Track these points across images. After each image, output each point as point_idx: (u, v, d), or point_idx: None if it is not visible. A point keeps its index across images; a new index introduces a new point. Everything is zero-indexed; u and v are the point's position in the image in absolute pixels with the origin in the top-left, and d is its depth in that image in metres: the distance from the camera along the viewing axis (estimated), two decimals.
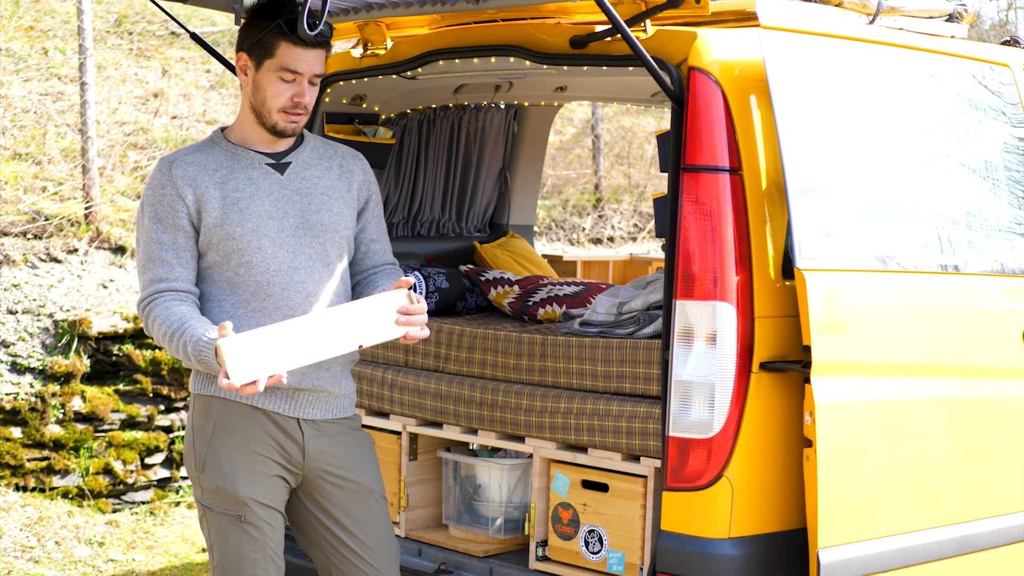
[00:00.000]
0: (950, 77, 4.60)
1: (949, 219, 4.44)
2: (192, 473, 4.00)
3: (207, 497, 3.95)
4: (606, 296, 4.74)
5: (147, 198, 3.89)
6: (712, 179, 3.90)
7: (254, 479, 3.92)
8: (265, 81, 3.88)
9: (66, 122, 9.75)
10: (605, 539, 4.49)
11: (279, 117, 3.90)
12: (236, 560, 3.92)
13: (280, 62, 3.84)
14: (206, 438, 3.94)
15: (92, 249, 8.52)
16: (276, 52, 3.85)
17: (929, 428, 4.21)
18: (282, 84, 3.86)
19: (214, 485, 3.92)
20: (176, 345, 3.76)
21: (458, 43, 4.67)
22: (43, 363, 7.58)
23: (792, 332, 3.94)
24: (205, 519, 3.98)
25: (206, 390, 3.96)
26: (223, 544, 3.94)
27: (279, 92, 3.87)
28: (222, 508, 3.92)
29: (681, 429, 3.94)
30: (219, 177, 3.90)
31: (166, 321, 3.78)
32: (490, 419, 4.74)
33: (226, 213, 3.87)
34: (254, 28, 3.88)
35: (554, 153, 12.40)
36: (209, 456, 3.93)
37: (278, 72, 3.85)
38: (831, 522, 3.87)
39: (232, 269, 3.89)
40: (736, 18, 4.23)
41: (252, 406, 3.93)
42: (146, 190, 3.90)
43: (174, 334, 3.75)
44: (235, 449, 3.92)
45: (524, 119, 6.38)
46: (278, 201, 3.94)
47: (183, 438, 7.92)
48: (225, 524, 3.92)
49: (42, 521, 7.12)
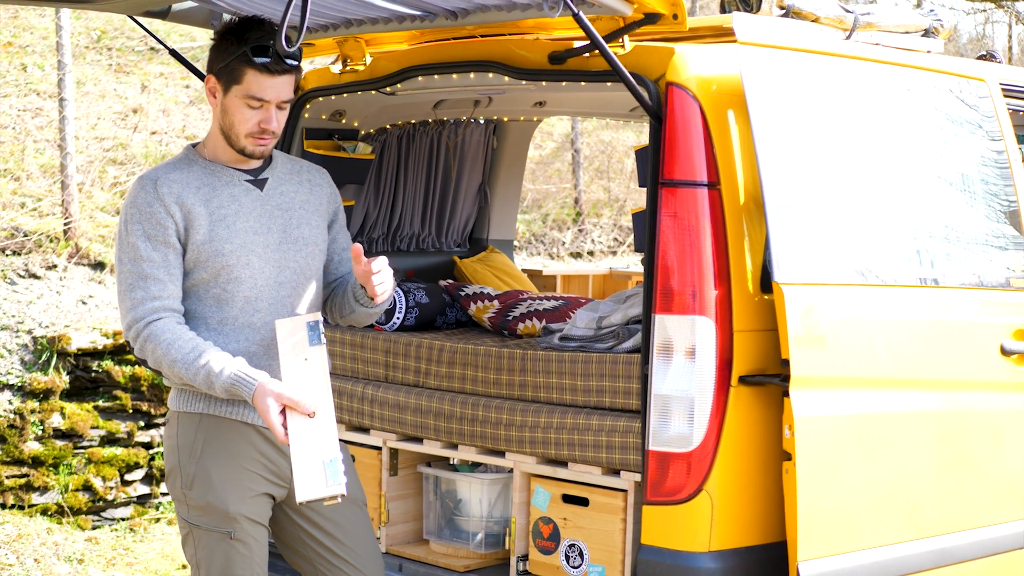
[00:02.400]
0: (927, 92, 4.63)
1: (927, 233, 4.46)
2: (177, 492, 3.97)
3: (194, 515, 3.93)
4: (586, 311, 4.75)
5: (132, 216, 3.86)
6: (690, 193, 3.92)
7: (243, 495, 3.92)
8: (232, 106, 3.85)
9: (45, 138, 9.74)
10: (586, 553, 4.49)
11: (247, 141, 3.89)
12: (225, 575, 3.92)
13: (247, 90, 3.82)
14: (194, 455, 3.92)
15: (71, 265, 8.51)
16: (243, 80, 3.81)
17: (908, 441, 4.23)
18: (249, 111, 3.84)
19: (203, 502, 3.90)
20: (192, 371, 3.75)
21: (437, 59, 4.68)
22: (22, 379, 7.56)
23: (771, 346, 3.95)
24: (191, 537, 3.96)
25: (193, 407, 3.95)
26: (210, 561, 3.93)
27: (246, 118, 3.85)
28: (211, 525, 3.91)
29: (661, 443, 3.94)
30: (203, 194, 3.90)
31: (176, 345, 3.76)
32: (470, 434, 4.74)
33: (214, 230, 3.87)
34: (222, 52, 3.86)
35: (534, 167, 12.42)
36: (198, 473, 3.91)
37: (245, 99, 3.83)
38: (811, 535, 3.88)
39: (220, 286, 3.89)
40: (713, 34, 4.25)
41: (241, 422, 3.93)
42: (130, 208, 3.87)
43: (191, 362, 3.74)
44: (225, 465, 3.92)
45: (503, 134, 6.40)
46: (261, 217, 3.95)
47: (163, 456, 7.90)
48: (214, 541, 3.91)
49: (21, 538, 7.10)
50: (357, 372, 5.20)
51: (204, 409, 3.93)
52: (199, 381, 3.76)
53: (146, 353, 3.82)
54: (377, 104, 5.45)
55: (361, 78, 4.92)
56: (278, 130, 3.91)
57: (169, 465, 4.01)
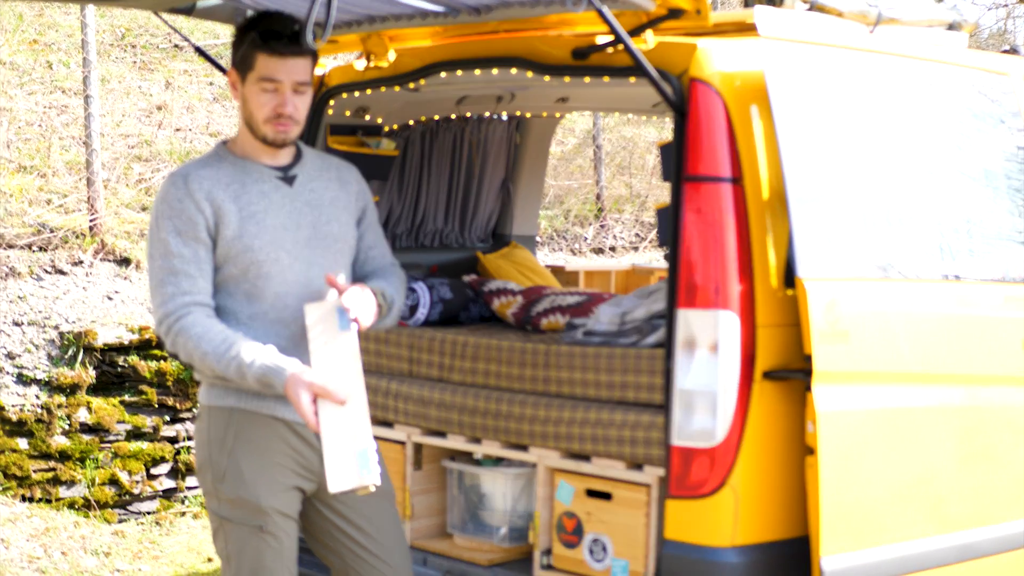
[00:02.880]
0: (950, 86, 4.62)
1: (950, 228, 4.46)
2: (208, 485, 4.01)
3: (225, 508, 3.97)
4: (609, 306, 4.76)
5: (163, 212, 3.90)
6: (714, 189, 3.92)
7: (274, 489, 3.96)
8: (250, 94, 3.91)
9: (70, 135, 9.78)
10: (609, 547, 4.50)
11: (267, 128, 3.92)
12: (255, 570, 3.96)
13: (259, 73, 3.87)
14: (225, 449, 3.96)
15: (97, 261, 8.55)
16: (255, 64, 3.87)
17: (931, 436, 4.23)
18: (264, 95, 3.89)
19: (234, 495, 3.93)
20: (224, 363, 3.78)
21: (460, 55, 4.70)
22: (49, 374, 7.60)
23: (794, 341, 3.95)
24: (222, 530, 4.00)
25: (224, 402, 3.98)
26: (241, 555, 3.96)
27: (262, 103, 3.90)
28: (241, 519, 3.94)
29: (684, 438, 3.95)
30: (233, 191, 3.93)
31: (206, 338, 3.80)
32: (494, 428, 4.75)
33: (243, 226, 3.91)
34: (238, 44, 3.93)
35: (555, 164, 12.42)
36: (230, 467, 3.95)
37: (259, 83, 3.88)
38: (833, 530, 3.88)
39: (250, 281, 3.92)
40: (736, 29, 4.26)
41: (272, 416, 3.96)
42: (160, 204, 3.91)
43: (223, 354, 3.78)
44: (255, 459, 3.95)
45: (526, 130, 6.40)
46: (291, 213, 3.99)
47: (191, 450, 7.94)
48: (245, 535, 3.95)
49: (48, 532, 7.14)
50: (381, 367, 5.22)
51: (235, 404, 3.96)
52: (231, 373, 3.79)
53: (178, 347, 3.85)
54: (401, 100, 5.46)
55: (385, 74, 4.94)
56: (297, 115, 3.93)
57: (200, 459, 4.04)
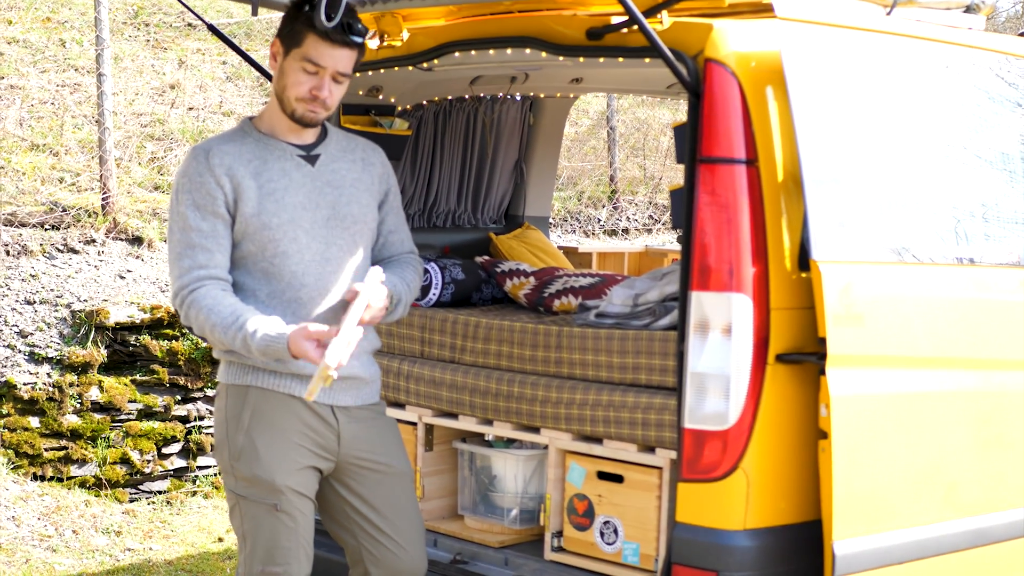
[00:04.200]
0: (967, 69, 4.59)
1: (965, 211, 4.43)
2: (225, 463, 4.03)
3: (241, 486, 3.99)
4: (622, 288, 4.75)
5: (183, 186, 3.90)
6: (728, 171, 3.90)
7: (290, 468, 3.97)
8: (289, 69, 3.92)
9: (83, 113, 9.78)
10: (620, 530, 4.50)
11: (298, 105, 3.93)
12: (270, 548, 3.97)
13: (305, 52, 3.88)
14: (242, 427, 3.97)
15: (109, 240, 8.55)
16: (303, 43, 3.88)
17: (945, 420, 4.21)
18: (304, 75, 3.90)
19: (250, 474, 3.95)
20: (231, 335, 3.79)
21: (474, 34, 4.68)
22: (60, 353, 7.61)
23: (808, 324, 3.94)
24: (238, 508, 4.02)
25: (241, 380, 3.99)
26: (257, 533, 3.98)
27: (299, 82, 3.91)
28: (257, 497, 3.96)
29: (697, 421, 3.94)
30: (254, 167, 3.93)
31: (216, 311, 3.81)
32: (506, 410, 4.75)
33: (262, 203, 3.91)
34: (290, 17, 3.93)
35: (569, 145, 12.40)
36: (246, 445, 3.96)
37: (302, 62, 3.89)
38: (846, 514, 3.87)
39: (267, 259, 3.92)
40: (752, 9, 4.23)
41: (289, 395, 3.97)
42: (181, 178, 3.91)
43: (229, 326, 3.79)
44: (272, 438, 3.97)
45: (540, 111, 6.38)
46: (311, 192, 3.98)
47: (202, 429, 7.95)
48: (261, 513, 3.97)
49: (60, 510, 7.16)
50: (393, 348, 5.21)
51: (252, 382, 3.98)
52: (237, 345, 3.80)
53: (190, 319, 3.87)
54: (414, 80, 5.45)
55: (398, 54, 4.92)
56: (330, 102, 3.95)
57: (218, 437, 4.05)
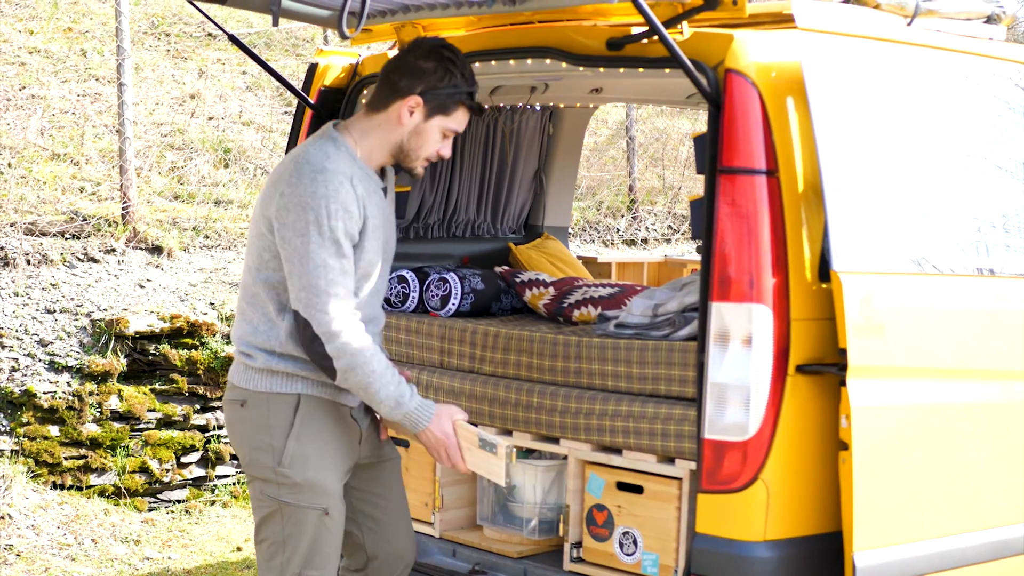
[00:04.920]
0: (988, 79, 4.58)
1: (986, 222, 4.42)
2: (267, 471, 4.03)
3: (286, 492, 4.02)
4: (641, 298, 4.74)
5: (336, 212, 3.87)
6: (749, 181, 3.90)
7: (338, 474, 4.10)
8: (428, 131, 4.04)
9: (104, 123, 9.82)
10: (639, 541, 4.49)
11: (420, 163, 4.10)
12: (311, 553, 4.04)
13: (450, 123, 4.06)
14: (294, 433, 4.02)
15: (129, 249, 8.57)
16: (453, 114, 4.05)
17: (966, 431, 4.19)
18: (440, 140, 4.08)
19: (302, 479, 4.01)
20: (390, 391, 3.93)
21: (494, 45, 4.68)
22: (80, 362, 7.63)
23: (828, 335, 3.93)
24: (279, 515, 4.04)
25: (290, 388, 4.03)
26: (299, 538, 4.03)
27: (433, 143, 4.07)
28: (306, 502, 4.02)
29: (716, 431, 3.93)
30: (368, 199, 4.02)
31: (384, 378, 3.93)
32: (525, 420, 4.74)
33: (365, 231, 3.99)
34: (441, 81, 4.00)
35: (588, 155, 12.40)
36: (296, 451, 4.01)
37: (443, 130, 4.05)
38: (867, 525, 3.86)
39: (357, 282, 4.03)
40: (773, 20, 4.22)
41: (335, 401, 4.09)
42: (329, 203, 3.87)
43: (398, 384, 3.95)
44: (323, 444, 4.06)
45: (559, 121, 6.39)
46: (385, 224, 4.15)
47: (221, 439, 7.96)
48: (307, 519, 4.03)
49: (79, 519, 7.17)
50: (412, 357, 5.21)
51: (302, 390, 4.04)
52: (388, 402, 3.95)
53: (343, 355, 3.88)
54: None
55: None
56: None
57: (256, 444, 4.05)
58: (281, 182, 3.93)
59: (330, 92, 5.23)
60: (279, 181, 3.94)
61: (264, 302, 4.01)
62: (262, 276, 4.00)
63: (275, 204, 3.91)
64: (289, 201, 3.87)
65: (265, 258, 3.98)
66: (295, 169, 3.91)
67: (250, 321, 4.06)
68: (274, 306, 3.99)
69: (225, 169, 10.05)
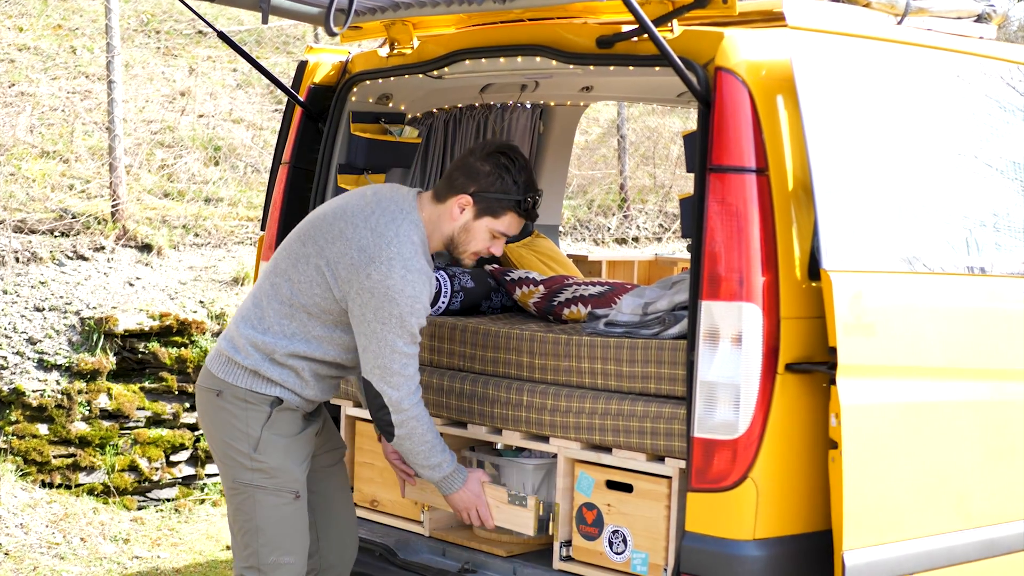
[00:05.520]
0: (978, 78, 4.58)
1: (976, 221, 4.42)
2: (242, 456, 4.29)
3: (259, 477, 4.28)
4: (631, 296, 4.74)
5: (418, 310, 4.22)
6: (739, 180, 3.89)
7: (303, 462, 4.38)
8: (477, 230, 4.36)
9: (93, 120, 9.80)
10: (629, 539, 4.48)
11: (467, 258, 4.42)
12: (282, 538, 4.31)
13: (499, 226, 4.36)
14: (268, 424, 4.27)
15: (118, 247, 8.56)
16: (503, 218, 4.35)
17: (956, 430, 4.19)
18: (489, 239, 4.39)
19: (275, 463, 4.28)
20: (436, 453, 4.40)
21: (485, 42, 4.67)
22: (69, 360, 7.61)
23: (818, 333, 3.92)
24: (251, 500, 4.29)
25: (268, 391, 4.30)
26: (270, 523, 4.29)
27: (481, 241, 4.38)
28: (278, 486, 4.29)
29: (706, 430, 3.93)
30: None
31: (437, 447, 4.40)
32: (515, 419, 4.74)
33: None
34: (497, 186, 4.31)
35: (579, 153, 12.40)
36: (268, 439, 4.28)
37: (491, 230, 4.36)
38: (856, 524, 3.86)
39: None
40: (763, 18, 4.22)
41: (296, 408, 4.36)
42: (414, 303, 4.20)
43: (443, 450, 4.43)
44: (291, 436, 4.33)
45: (550, 119, 6.38)
46: None
47: (216, 425, 7.93)
48: (278, 503, 4.30)
49: (68, 518, 7.16)
50: None
51: (280, 394, 4.30)
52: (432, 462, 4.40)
53: (406, 422, 4.30)
54: (424, 88, 5.44)
55: (408, 62, 4.91)
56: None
57: (231, 433, 4.30)
58: (364, 254, 4.18)
59: (320, 90, 5.23)
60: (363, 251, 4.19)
61: (292, 315, 4.30)
62: (300, 299, 4.29)
63: (357, 281, 4.18)
64: (377, 286, 4.17)
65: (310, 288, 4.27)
66: (386, 258, 4.17)
67: (262, 320, 4.32)
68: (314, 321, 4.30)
69: (215, 167, 10.04)
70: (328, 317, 4.29)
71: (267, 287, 4.35)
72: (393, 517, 5.10)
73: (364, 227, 4.24)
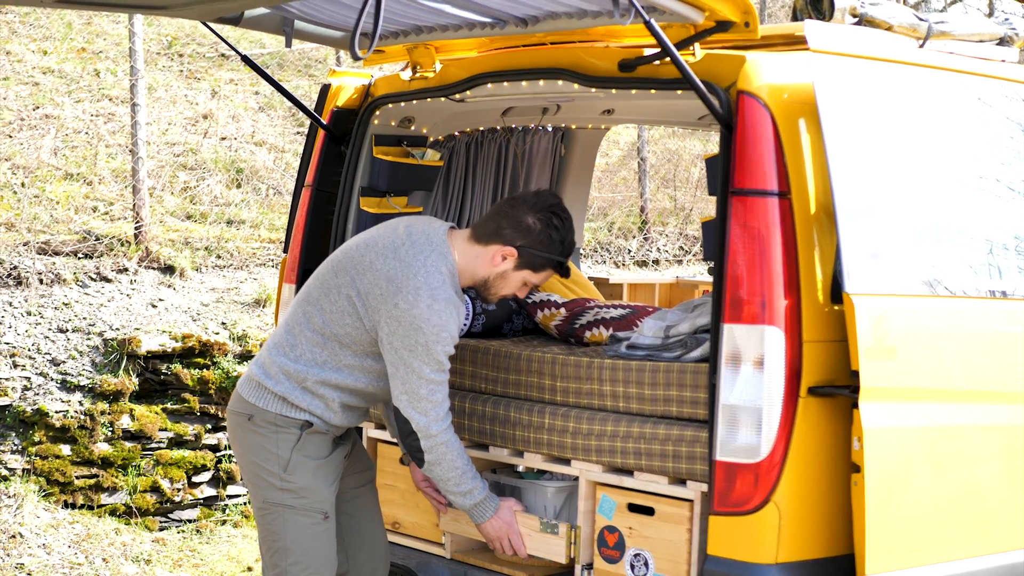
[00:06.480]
0: (1000, 101, 4.57)
1: (998, 244, 4.41)
2: (273, 477, 4.35)
3: (289, 497, 4.35)
4: (653, 319, 4.74)
5: (445, 339, 4.28)
6: (761, 203, 3.89)
7: (332, 483, 4.45)
8: (513, 280, 4.49)
9: (117, 143, 9.85)
10: (651, 563, 4.48)
11: (494, 298, 4.54)
12: (313, 558, 4.37)
13: (535, 279, 4.51)
14: (299, 445, 4.34)
15: (141, 269, 8.59)
16: (540, 273, 4.50)
17: (978, 454, 4.18)
18: (520, 287, 4.52)
19: (305, 483, 4.37)
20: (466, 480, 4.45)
21: (507, 66, 4.69)
22: (92, 381, 7.64)
23: (840, 357, 3.92)
24: (281, 520, 4.36)
25: (296, 415, 4.37)
26: (301, 543, 4.35)
27: (512, 288, 4.51)
28: (308, 507, 4.36)
29: (728, 453, 3.92)
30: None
31: (462, 458, 4.45)
32: (536, 441, 4.74)
33: None
34: (543, 243, 4.42)
35: (600, 176, 12.41)
36: (299, 460, 4.35)
37: (525, 281, 4.50)
38: (879, 548, 3.84)
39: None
40: (785, 42, 4.23)
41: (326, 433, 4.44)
42: (441, 332, 4.27)
43: (474, 477, 4.48)
44: (323, 455, 4.42)
45: (571, 142, 6.39)
46: None
47: (232, 458, 7.95)
48: (308, 523, 4.37)
49: (90, 538, 7.17)
50: None
51: (307, 419, 4.39)
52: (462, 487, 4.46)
53: (437, 447, 4.37)
54: (446, 111, 5.46)
55: (431, 85, 4.93)
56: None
57: (262, 455, 4.37)
58: (392, 284, 4.26)
59: (343, 113, 5.25)
60: (391, 281, 4.27)
61: (324, 343, 4.37)
62: (332, 329, 4.35)
63: (385, 311, 4.25)
64: (404, 315, 4.23)
65: (341, 318, 4.34)
66: (413, 287, 4.24)
67: (295, 348, 4.39)
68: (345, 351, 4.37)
69: (237, 189, 10.08)
70: (359, 347, 4.35)
71: (300, 315, 4.42)
72: (414, 539, 5.10)
73: (393, 258, 4.31)
